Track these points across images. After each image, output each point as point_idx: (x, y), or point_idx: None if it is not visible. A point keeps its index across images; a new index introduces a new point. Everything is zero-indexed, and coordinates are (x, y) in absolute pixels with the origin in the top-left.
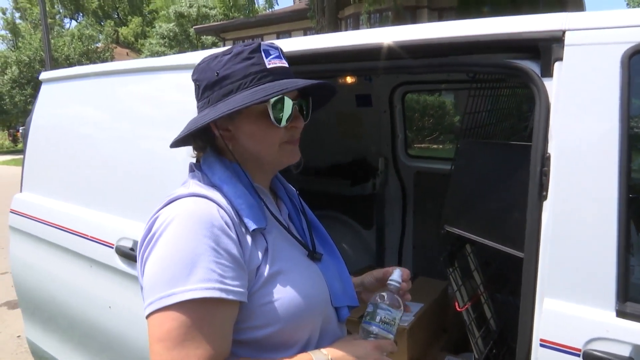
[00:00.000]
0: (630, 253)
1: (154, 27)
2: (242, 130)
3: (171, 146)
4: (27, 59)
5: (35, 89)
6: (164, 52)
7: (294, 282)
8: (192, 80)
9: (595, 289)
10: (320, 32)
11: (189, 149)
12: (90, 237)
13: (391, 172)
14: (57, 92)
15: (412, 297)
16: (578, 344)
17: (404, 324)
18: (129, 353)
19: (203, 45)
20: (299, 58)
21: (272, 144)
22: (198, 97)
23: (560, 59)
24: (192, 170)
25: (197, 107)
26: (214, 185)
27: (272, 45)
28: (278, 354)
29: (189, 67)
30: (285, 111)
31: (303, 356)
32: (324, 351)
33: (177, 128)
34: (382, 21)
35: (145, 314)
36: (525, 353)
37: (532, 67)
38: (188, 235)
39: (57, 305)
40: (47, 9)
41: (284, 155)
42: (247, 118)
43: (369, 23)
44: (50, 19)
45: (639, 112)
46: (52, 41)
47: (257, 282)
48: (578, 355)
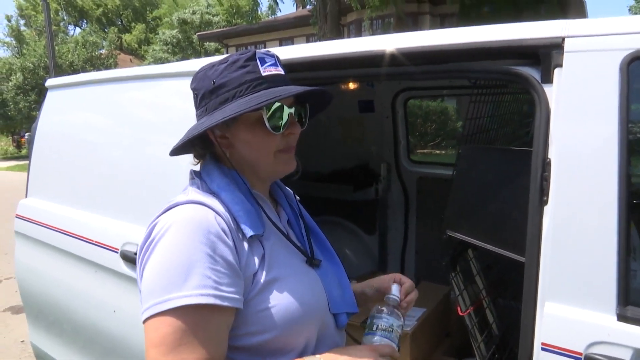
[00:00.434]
0: (631, 257)
1: (157, 33)
2: (239, 137)
3: (171, 154)
4: (32, 66)
5: (40, 95)
6: (167, 59)
7: (290, 289)
8: (191, 89)
9: (596, 293)
10: (322, 38)
11: (191, 156)
12: (95, 241)
13: (394, 178)
14: (62, 98)
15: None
16: (579, 347)
17: (407, 329)
18: (133, 357)
19: (206, 52)
20: (302, 65)
21: (268, 152)
22: (196, 105)
23: (560, 66)
24: (192, 177)
25: (196, 115)
26: (212, 192)
27: (267, 53)
28: None
29: (191, 74)
30: (280, 118)
31: None
32: (318, 357)
33: (180, 134)
34: (384, 27)
35: (142, 319)
36: (527, 357)
37: (533, 73)
38: (185, 242)
39: (61, 310)
40: (52, 16)
41: (279, 164)
42: (244, 125)
43: (372, 29)
44: (55, 26)
45: (638, 117)
46: (56, 48)
47: (253, 289)
48: (579, 359)
